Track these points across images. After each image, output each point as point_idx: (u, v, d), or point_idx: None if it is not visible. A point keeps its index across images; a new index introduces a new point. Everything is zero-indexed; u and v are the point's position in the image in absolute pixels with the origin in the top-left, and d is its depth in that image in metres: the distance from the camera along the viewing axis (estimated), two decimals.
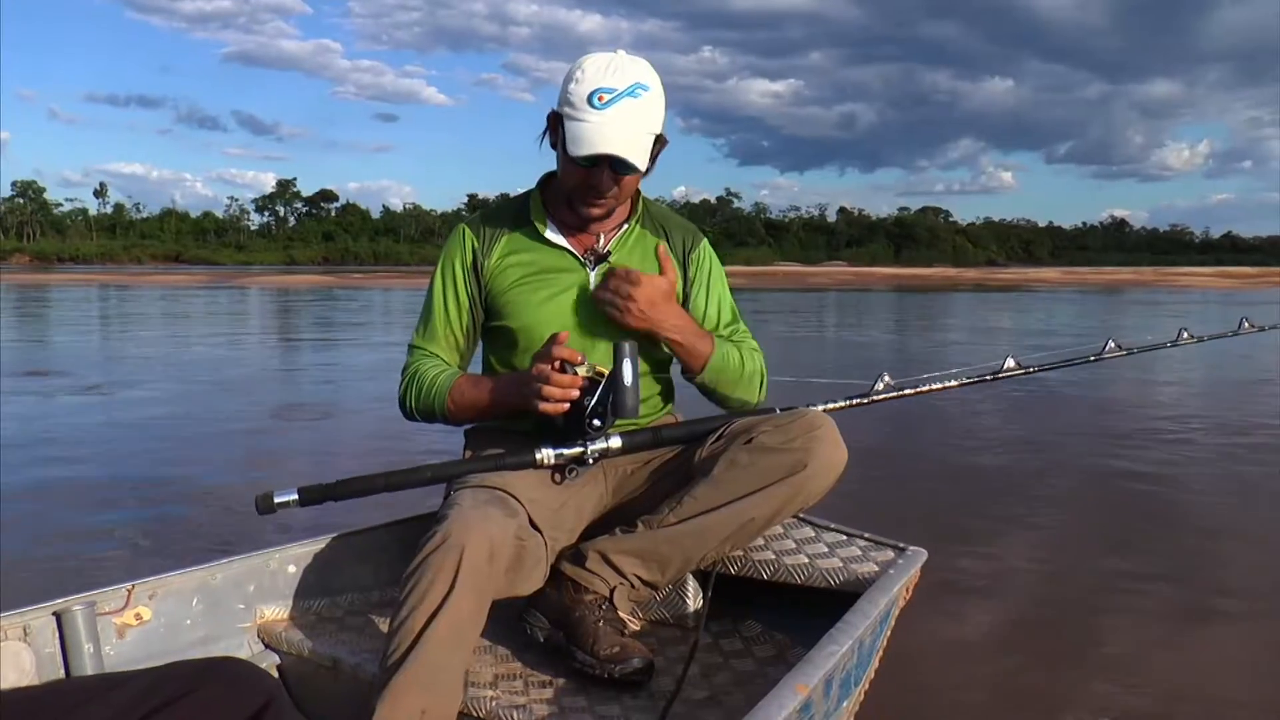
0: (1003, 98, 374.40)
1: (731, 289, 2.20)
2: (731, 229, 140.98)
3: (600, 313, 1.99)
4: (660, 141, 1.94)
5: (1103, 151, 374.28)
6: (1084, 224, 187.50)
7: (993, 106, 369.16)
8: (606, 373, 1.81)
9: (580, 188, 1.93)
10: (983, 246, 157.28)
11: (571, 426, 1.84)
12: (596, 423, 1.82)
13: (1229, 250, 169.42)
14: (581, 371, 1.81)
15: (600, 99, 1.83)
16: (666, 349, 2.02)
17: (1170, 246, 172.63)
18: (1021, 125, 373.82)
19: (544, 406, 1.81)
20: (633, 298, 1.91)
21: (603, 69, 1.85)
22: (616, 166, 1.88)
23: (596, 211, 1.97)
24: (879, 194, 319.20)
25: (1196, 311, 24.77)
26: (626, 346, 1.79)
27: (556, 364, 1.81)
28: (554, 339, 1.84)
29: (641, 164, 1.88)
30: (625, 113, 1.83)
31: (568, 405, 1.82)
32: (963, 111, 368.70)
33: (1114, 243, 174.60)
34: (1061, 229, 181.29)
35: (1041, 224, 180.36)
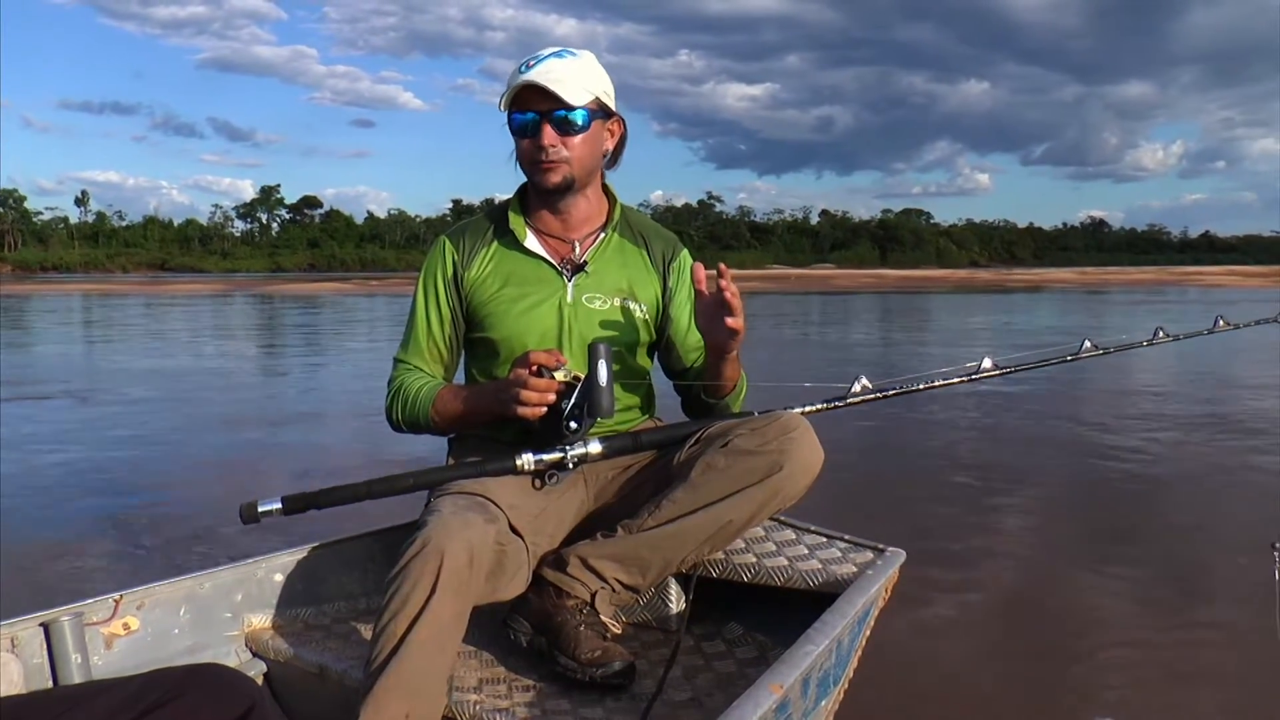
0: (978, 100, 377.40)
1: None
2: (716, 232, 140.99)
3: (576, 324, 2.04)
4: (615, 120, 2.05)
5: (1078, 153, 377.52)
6: (1064, 224, 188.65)
7: (969, 109, 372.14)
8: (582, 377, 1.83)
9: (529, 158, 1.99)
10: (966, 248, 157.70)
11: (549, 430, 1.86)
12: (573, 425, 1.83)
13: (1207, 250, 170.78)
14: (559, 376, 1.84)
15: (528, 64, 1.95)
16: (706, 366, 2.06)
17: (1149, 246, 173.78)
18: (997, 127, 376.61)
19: (521, 411, 1.83)
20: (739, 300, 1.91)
21: (533, 51, 1.98)
22: (556, 121, 1.94)
23: (553, 177, 2.00)
24: (856, 196, 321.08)
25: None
26: (601, 348, 1.81)
27: (534, 369, 1.83)
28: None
29: (576, 99, 1.93)
30: (551, 65, 1.94)
31: (545, 410, 1.84)
32: (939, 114, 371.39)
33: (1094, 243, 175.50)
34: (1042, 230, 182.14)
35: (1021, 225, 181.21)
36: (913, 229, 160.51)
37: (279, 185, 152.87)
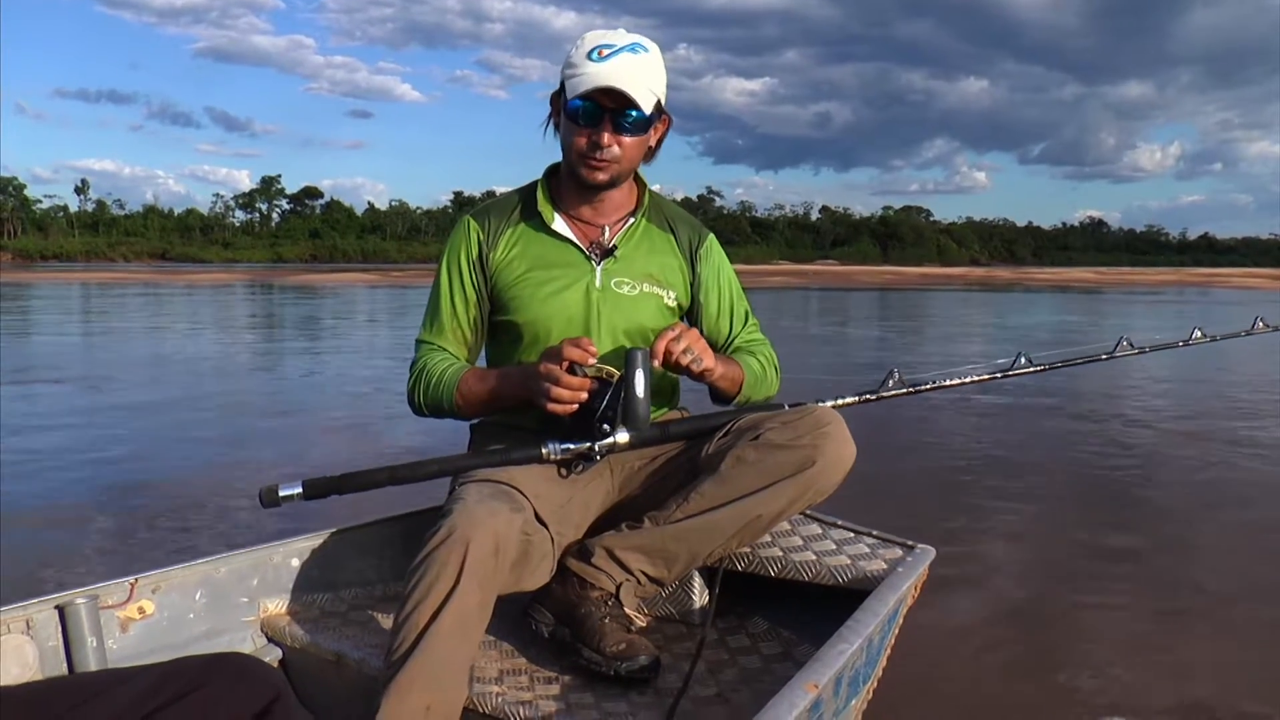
0: (977, 98, 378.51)
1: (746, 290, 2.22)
2: (717, 227, 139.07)
3: (604, 309, 2.00)
4: (663, 117, 1.98)
5: (1076, 152, 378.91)
6: (1063, 224, 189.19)
7: (967, 106, 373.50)
8: (616, 375, 1.78)
9: (582, 150, 1.93)
10: (966, 246, 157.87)
11: (579, 427, 1.82)
12: (605, 428, 1.80)
13: (1206, 251, 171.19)
14: (590, 373, 1.79)
15: (600, 53, 1.88)
16: (709, 388, 2.03)
17: (1148, 247, 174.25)
18: (996, 125, 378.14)
19: (552, 407, 1.80)
20: (700, 340, 1.89)
21: (602, 33, 1.93)
22: (618, 120, 1.89)
23: (601, 175, 1.95)
24: (854, 193, 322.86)
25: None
26: (639, 355, 1.76)
27: (565, 364, 1.78)
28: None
29: (646, 106, 1.88)
30: (626, 62, 1.88)
31: (576, 406, 1.81)
32: (937, 111, 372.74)
33: (1093, 243, 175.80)
34: (1041, 229, 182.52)
35: (1019, 223, 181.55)
36: (913, 226, 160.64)
37: (280, 175, 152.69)
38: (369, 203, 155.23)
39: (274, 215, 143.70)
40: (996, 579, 3.71)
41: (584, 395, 1.79)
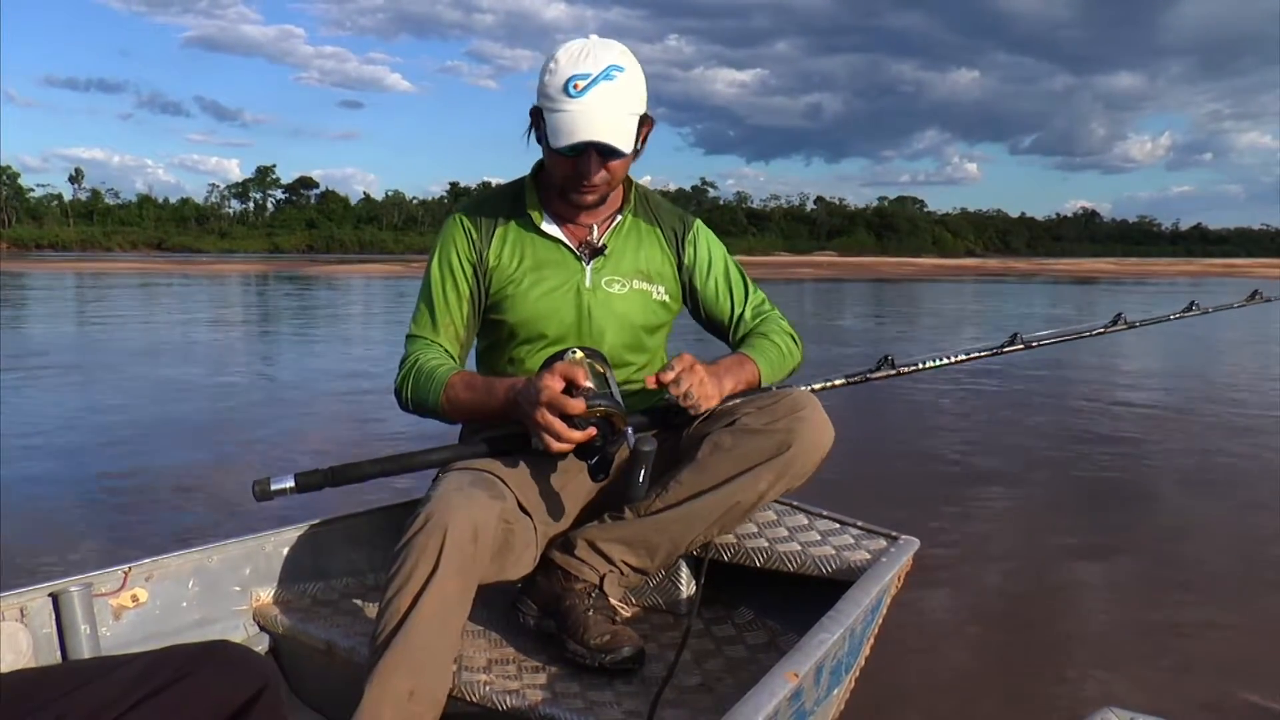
0: (968, 89, 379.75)
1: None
2: (712, 219, 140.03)
3: (595, 309, 2.00)
4: (647, 122, 1.93)
5: (1066, 143, 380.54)
6: (1056, 215, 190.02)
7: (958, 97, 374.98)
8: (613, 412, 1.74)
9: (569, 178, 1.91)
10: (962, 237, 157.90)
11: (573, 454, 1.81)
12: (601, 476, 1.81)
13: (1199, 241, 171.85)
14: (588, 384, 1.74)
15: (576, 86, 1.81)
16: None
17: (1142, 237, 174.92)
18: (987, 116, 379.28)
19: (547, 440, 1.74)
20: (703, 385, 1.83)
21: (575, 57, 1.82)
22: (602, 151, 1.86)
23: (590, 198, 1.95)
24: (845, 184, 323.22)
25: None
26: (645, 453, 1.76)
27: (561, 386, 1.72)
28: (557, 361, 1.78)
29: (626, 146, 1.85)
30: (602, 97, 1.81)
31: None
32: (928, 102, 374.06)
33: (1086, 234, 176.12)
34: (1035, 220, 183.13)
35: (1011, 214, 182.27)
36: (909, 217, 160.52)
37: (274, 165, 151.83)
38: (364, 193, 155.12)
39: (268, 205, 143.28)
40: (984, 568, 3.71)
41: (582, 440, 1.75)
